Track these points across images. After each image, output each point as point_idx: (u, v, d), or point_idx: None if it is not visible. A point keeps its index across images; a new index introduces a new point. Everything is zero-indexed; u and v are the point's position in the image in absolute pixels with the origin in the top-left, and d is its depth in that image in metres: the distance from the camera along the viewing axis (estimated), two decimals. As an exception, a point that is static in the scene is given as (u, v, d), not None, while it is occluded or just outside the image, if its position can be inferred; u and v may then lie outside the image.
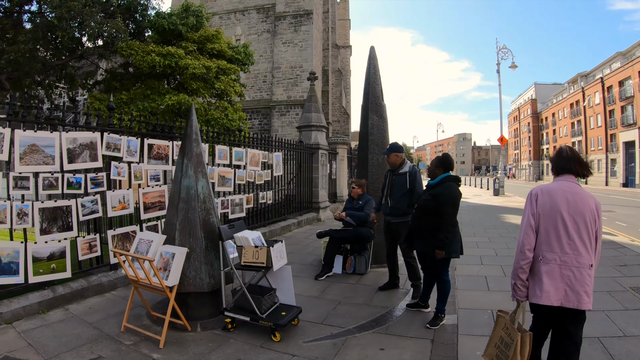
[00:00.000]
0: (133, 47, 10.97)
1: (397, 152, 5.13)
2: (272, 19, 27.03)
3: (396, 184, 5.06)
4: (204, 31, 13.30)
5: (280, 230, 9.61)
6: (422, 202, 4.06)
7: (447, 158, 4.19)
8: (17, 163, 4.21)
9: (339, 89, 36.12)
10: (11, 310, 4.04)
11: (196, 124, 4.32)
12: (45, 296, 4.43)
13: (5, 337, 3.65)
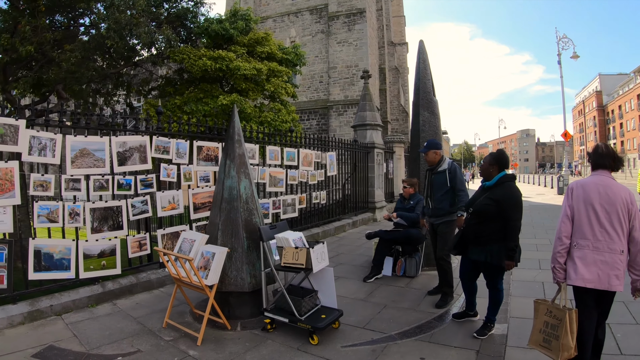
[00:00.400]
0: (185, 52, 11.35)
1: (435, 149, 4.79)
2: (325, 20, 27.08)
3: (436, 184, 4.78)
4: (254, 34, 13.53)
5: (334, 231, 9.49)
6: (482, 207, 3.61)
7: (502, 155, 3.75)
8: (68, 166, 4.44)
9: (397, 87, 35.54)
10: (61, 303, 4.27)
11: (238, 125, 4.32)
12: (94, 291, 4.64)
13: (53, 328, 3.86)
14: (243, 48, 12.78)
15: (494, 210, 3.50)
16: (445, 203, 4.64)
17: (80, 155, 4.54)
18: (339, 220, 10.14)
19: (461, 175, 4.73)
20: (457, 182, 4.60)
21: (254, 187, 4.32)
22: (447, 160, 4.80)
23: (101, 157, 4.72)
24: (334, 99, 26.25)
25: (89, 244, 4.58)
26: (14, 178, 3.97)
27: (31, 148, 4.13)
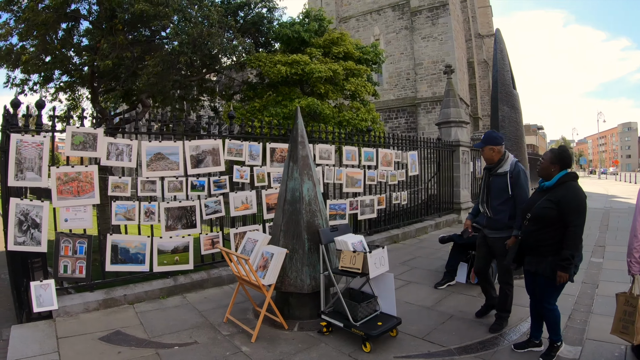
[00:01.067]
0: (260, 58, 11.70)
1: (493, 145, 3.97)
2: (408, 15, 26.53)
3: (494, 188, 4.00)
4: (328, 35, 13.57)
5: (415, 232, 9.29)
6: (540, 211, 3.17)
7: (564, 152, 3.27)
8: (144, 169, 4.83)
9: (487, 82, 33.66)
10: (134, 293, 4.67)
11: (302, 127, 4.33)
12: (166, 284, 4.98)
13: (123, 315, 4.22)
14: (319, 50, 12.86)
15: (554, 215, 3.10)
16: (504, 214, 3.86)
17: (155, 159, 4.91)
18: (420, 222, 9.88)
19: (526, 181, 3.94)
20: (518, 190, 3.82)
21: (319, 189, 4.30)
22: (511, 159, 4.00)
23: (175, 161, 5.05)
24: (421, 96, 25.63)
25: (162, 240, 4.93)
26: (94, 180, 4.40)
27: (109, 153, 4.55)
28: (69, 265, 4.30)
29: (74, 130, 4.33)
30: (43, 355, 3.25)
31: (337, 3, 29.80)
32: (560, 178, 3.17)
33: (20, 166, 3.94)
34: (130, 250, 4.70)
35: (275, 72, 11.48)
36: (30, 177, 3.99)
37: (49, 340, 3.57)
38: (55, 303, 4.00)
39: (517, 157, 5.54)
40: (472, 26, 33.03)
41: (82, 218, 4.35)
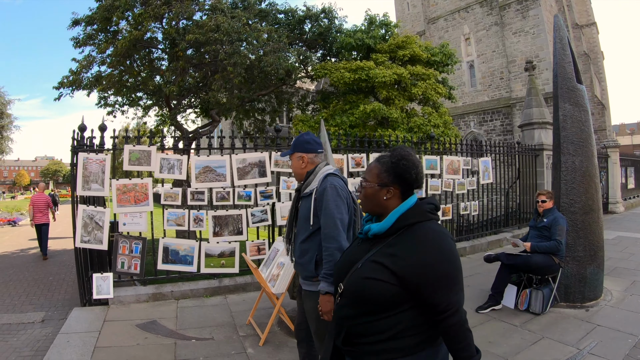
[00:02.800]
0: (326, 67, 12.00)
1: (302, 152, 2.80)
2: (496, 10, 25.19)
3: (300, 217, 2.81)
4: (393, 39, 13.52)
5: (487, 246, 8.84)
6: (362, 285, 1.59)
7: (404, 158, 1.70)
8: (193, 181, 5.48)
9: (589, 76, 30.44)
10: (181, 291, 5.34)
11: (325, 138, 4.47)
12: (211, 284, 5.57)
13: (165, 308, 4.87)
14: (384, 55, 12.84)
15: (394, 293, 1.52)
16: (309, 257, 2.63)
17: (203, 171, 5.54)
18: (495, 234, 9.32)
19: (340, 204, 2.57)
20: (326, 220, 2.52)
21: None
22: (322, 172, 2.70)
23: (222, 173, 5.63)
24: (516, 95, 24.10)
25: (210, 245, 5.52)
26: (148, 191, 5.18)
27: (162, 167, 5.29)
28: (125, 262, 5.11)
29: (131, 148, 5.13)
30: (87, 333, 4.01)
31: (424, 4, 29.44)
32: (402, 216, 1.61)
33: (87, 179, 4.85)
34: (179, 252, 5.37)
35: (339, 79, 11.74)
36: (94, 187, 4.90)
37: (97, 321, 4.36)
38: (112, 292, 4.86)
39: (581, 163, 5.10)
40: (569, 16, 30.17)
41: (138, 223, 5.15)
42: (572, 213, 5.07)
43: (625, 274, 6.27)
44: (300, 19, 11.97)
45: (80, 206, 4.81)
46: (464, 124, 26.66)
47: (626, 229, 10.47)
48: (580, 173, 5.12)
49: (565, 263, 4.94)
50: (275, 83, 11.40)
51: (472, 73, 27.03)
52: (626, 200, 14.92)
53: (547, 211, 5.08)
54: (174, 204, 5.39)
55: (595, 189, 5.20)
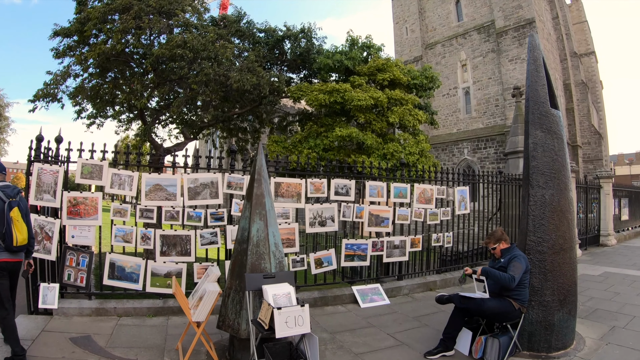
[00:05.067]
0: (302, 88, 12.37)
1: None
2: (493, 37, 26.40)
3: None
4: (373, 62, 14.01)
5: (459, 280, 8.56)
6: None
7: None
8: (143, 198, 5.79)
9: (586, 105, 31.87)
10: (124, 308, 5.59)
11: (260, 163, 4.66)
12: (155, 304, 5.80)
13: (105, 324, 5.12)
14: (363, 78, 13.24)
15: None
16: None
17: (153, 189, 5.88)
18: (470, 267, 9.20)
19: None
20: None
21: (273, 230, 4.44)
22: None
23: (173, 192, 5.94)
24: (510, 123, 24.33)
25: (156, 264, 5.81)
26: (98, 205, 5.54)
27: (112, 183, 5.63)
28: (72, 274, 5.44)
29: (84, 161, 5.52)
30: (22, 340, 4.18)
31: (422, 30, 30.68)
32: None
33: (40, 189, 5.23)
34: (126, 269, 5.67)
35: (314, 100, 12.10)
36: (46, 198, 5.29)
37: (35, 330, 4.69)
38: (56, 303, 5.18)
39: (552, 197, 4.86)
40: (567, 45, 31.53)
41: (86, 236, 5.50)
42: (540, 253, 4.81)
43: (605, 318, 6.04)
44: (279, 39, 12.39)
45: (31, 215, 5.08)
46: (458, 150, 27.22)
47: (615, 264, 10.50)
48: (551, 208, 4.86)
49: (529, 308, 4.67)
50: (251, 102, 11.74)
51: (467, 100, 27.91)
52: (619, 232, 15.17)
53: (505, 251, 4.82)
54: (122, 220, 5.68)
55: (568, 225, 4.94)
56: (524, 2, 25.00)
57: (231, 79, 9.23)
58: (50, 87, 9.81)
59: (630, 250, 12.90)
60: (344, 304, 6.67)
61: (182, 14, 10.28)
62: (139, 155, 6.10)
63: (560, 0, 32.72)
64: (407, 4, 31.50)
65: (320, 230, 6.85)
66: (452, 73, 28.59)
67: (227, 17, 11.83)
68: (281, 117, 14.52)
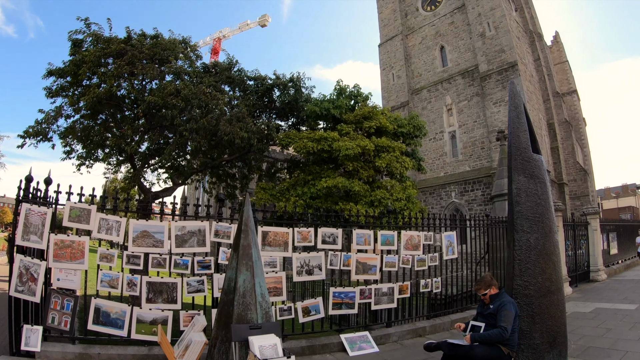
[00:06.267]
0: (290, 135, 12.74)
1: None
2: (478, 81, 27.46)
3: None
4: (360, 110, 14.49)
5: (450, 325, 8.59)
6: None
7: None
8: (130, 244, 5.87)
9: (570, 143, 33.12)
10: (108, 354, 5.52)
11: (247, 214, 4.77)
12: (140, 352, 5.73)
13: None
14: (350, 126, 13.70)
15: None
16: None
17: (141, 236, 5.95)
18: (460, 312, 9.22)
19: None
20: None
21: (258, 281, 4.50)
22: None
23: (160, 239, 6.02)
24: (496, 165, 25.03)
25: (142, 311, 5.81)
26: (84, 249, 5.59)
27: (100, 227, 5.72)
28: (56, 318, 5.40)
29: (72, 205, 5.61)
30: None
31: (408, 75, 31.77)
32: None
33: (27, 229, 5.28)
34: (111, 315, 5.66)
35: (302, 148, 12.43)
36: (33, 239, 5.33)
37: None
38: (39, 346, 5.12)
39: (537, 240, 4.96)
40: (549, 85, 32.97)
41: (72, 280, 5.51)
42: (527, 296, 4.89)
43: (598, 356, 6.03)
44: (268, 87, 12.84)
45: (17, 256, 5.21)
46: (445, 194, 27.67)
47: (606, 299, 10.57)
48: (536, 252, 4.95)
49: (519, 352, 4.67)
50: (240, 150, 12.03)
51: (453, 143, 28.64)
52: (608, 266, 15.31)
53: (494, 297, 4.89)
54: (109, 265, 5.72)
55: (554, 268, 5.02)
56: (506, 46, 26.26)
57: (221, 130, 9.59)
58: (42, 126, 10.03)
59: (621, 284, 12.99)
60: (332, 352, 6.65)
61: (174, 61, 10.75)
62: (127, 200, 6.17)
63: (541, 42, 34.35)
64: (393, 51, 32.80)
65: (307, 278, 6.95)
66: (438, 117, 29.43)
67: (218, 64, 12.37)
68: (270, 163, 14.83)
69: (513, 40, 26.66)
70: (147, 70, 9.97)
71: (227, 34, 72.36)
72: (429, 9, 31.65)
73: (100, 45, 10.35)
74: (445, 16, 30.37)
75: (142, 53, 10.24)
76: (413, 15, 32.70)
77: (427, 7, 31.85)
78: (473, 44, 28.03)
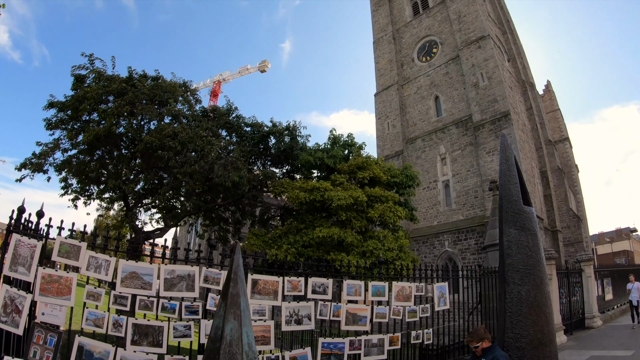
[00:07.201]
0: (283, 184, 12.99)
1: None
2: (471, 131, 28.10)
3: None
4: (354, 160, 14.82)
5: None
6: None
7: None
8: (118, 285, 5.85)
9: (563, 190, 33.62)
10: None
11: (237, 263, 4.77)
12: None
13: None
14: (344, 176, 14.06)
15: None
16: None
17: (129, 277, 5.97)
18: None
19: None
20: None
21: (246, 330, 4.52)
22: None
23: (149, 281, 6.04)
24: (489, 214, 25.25)
25: (126, 352, 5.72)
26: (72, 285, 5.55)
27: (89, 265, 5.72)
28: (38, 352, 5.28)
29: (62, 240, 5.64)
30: None
31: (403, 125, 32.55)
32: None
33: (15, 260, 5.26)
34: (94, 354, 5.57)
35: (295, 197, 12.70)
36: (21, 271, 5.30)
37: None
38: None
39: (528, 292, 5.00)
40: (542, 133, 33.72)
41: (57, 315, 5.43)
42: (518, 349, 4.89)
43: None
44: (264, 134, 13.20)
45: (4, 285, 5.16)
46: (439, 243, 27.68)
47: (602, 346, 10.46)
48: (527, 304, 4.98)
49: None
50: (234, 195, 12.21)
51: (447, 192, 28.91)
52: (604, 312, 15.27)
53: (486, 350, 4.82)
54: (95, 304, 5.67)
55: (546, 320, 5.04)
56: (499, 96, 27.00)
57: (214, 173, 9.79)
58: (39, 159, 10.21)
59: (617, 330, 12.90)
60: (321, 403, 6.55)
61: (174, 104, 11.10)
62: (118, 240, 6.23)
63: (533, 92, 35.41)
64: (389, 101, 33.71)
65: (296, 328, 6.91)
66: (432, 167, 29.86)
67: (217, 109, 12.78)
68: (263, 209, 14.99)
69: (506, 90, 27.48)
70: (147, 111, 10.29)
71: (227, 78, 74.42)
72: (425, 60, 32.84)
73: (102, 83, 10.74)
74: (440, 67, 31.47)
75: (143, 94, 10.59)
76: (409, 65, 33.91)
77: (422, 57, 33.07)
78: (467, 94, 28.87)
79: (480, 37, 28.88)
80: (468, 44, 29.46)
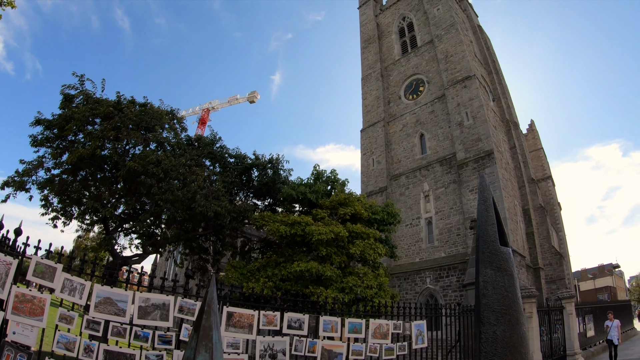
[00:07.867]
0: (264, 217, 13.16)
1: None
2: (455, 169, 28.55)
3: None
4: (336, 196, 15.00)
5: None
6: None
7: None
8: (92, 309, 5.86)
9: (545, 228, 33.71)
10: None
11: (211, 296, 4.75)
12: None
13: None
14: (325, 211, 14.21)
15: None
16: None
17: (104, 302, 5.99)
18: None
19: None
20: None
21: None
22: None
23: (123, 308, 6.05)
24: (470, 253, 25.57)
25: None
26: (45, 307, 5.52)
27: (64, 287, 5.73)
28: None
29: (38, 260, 5.65)
30: None
31: (388, 161, 33.01)
32: None
33: None
34: None
35: (275, 231, 12.75)
36: None
37: None
38: None
39: (504, 333, 4.93)
40: (525, 172, 34.20)
41: (28, 336, 5.40)
42: None
43: None
44: (247, 167, 13.41)
45: None
46: (420, 279, 27.69)
47: None
48: (502, 344, 4.86)
49: None
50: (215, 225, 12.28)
51: (430, 229, 29.13)
52: (585, 349, 15.31)
53: None
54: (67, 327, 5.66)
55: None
56: (483, 135, 27.60)
57: (196, 202, 9.92)
58: (22, 177, 10.21)
59: None
60: None
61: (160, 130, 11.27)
62: (95, 264, 6.26)
63: (517, 131, 36.12)
64: (375, 137, 34.29)
65: (271, 363, 6.92)
66: (415, 203, 30.16)
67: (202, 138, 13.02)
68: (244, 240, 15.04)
69: (490, 129, 28.12)
70: (132, 137, 10.46)
71: (216, 106, 74.98)
72: (411, 98, 33.65)
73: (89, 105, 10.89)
74: (426, 105, 32.23)
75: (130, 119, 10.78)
76: (395, 103, 34.69)
77: (409, 95, 33.90)
78: (452, 132, 29.49)
79: (466, 77, 29.80)
80: (454, 84, 30.33)
